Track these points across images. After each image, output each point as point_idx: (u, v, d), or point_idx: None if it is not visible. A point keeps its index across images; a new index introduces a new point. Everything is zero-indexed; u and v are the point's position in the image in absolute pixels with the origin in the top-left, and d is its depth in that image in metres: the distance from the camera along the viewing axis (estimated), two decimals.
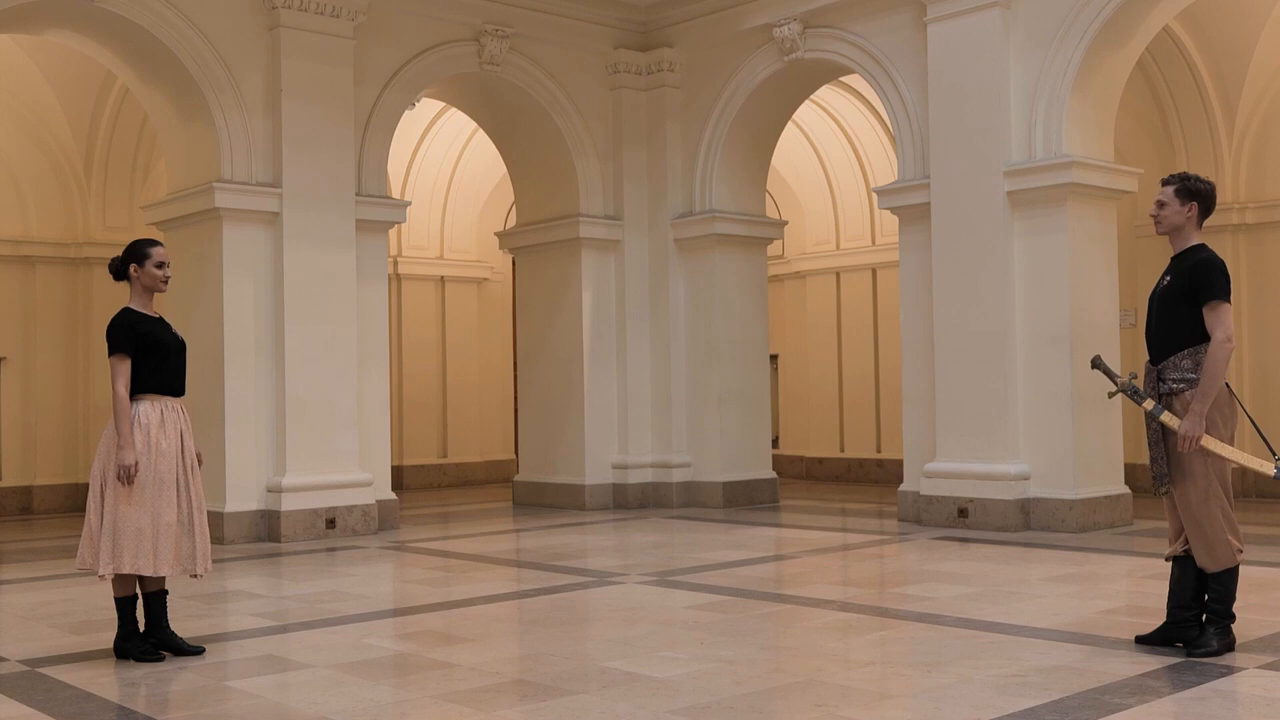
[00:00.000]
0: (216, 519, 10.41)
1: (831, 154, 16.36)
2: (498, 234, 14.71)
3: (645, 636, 6.09)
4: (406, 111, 12.43)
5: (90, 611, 7.10)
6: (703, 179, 13.03)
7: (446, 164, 16.83)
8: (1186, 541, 5.51)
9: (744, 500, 13.02)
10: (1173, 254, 5.62)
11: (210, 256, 10.69)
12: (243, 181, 10.68)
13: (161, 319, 6.01)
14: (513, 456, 17.02)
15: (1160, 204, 5.63)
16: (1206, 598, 5.48)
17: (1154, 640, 5.58)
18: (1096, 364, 5.72)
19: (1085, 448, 10.17)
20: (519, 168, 13.72)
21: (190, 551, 5.78)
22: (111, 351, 5.75)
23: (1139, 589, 7.43)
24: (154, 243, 6.02)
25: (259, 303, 10.71)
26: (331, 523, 10.78)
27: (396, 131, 12.13)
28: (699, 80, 13.12)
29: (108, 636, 6.15)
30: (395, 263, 16.23)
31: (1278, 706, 4.59)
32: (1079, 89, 10.23)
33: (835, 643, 5.96)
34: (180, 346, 6.00)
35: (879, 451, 16.04)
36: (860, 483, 15.89)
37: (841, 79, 13.74)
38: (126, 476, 5.59)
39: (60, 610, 7.22)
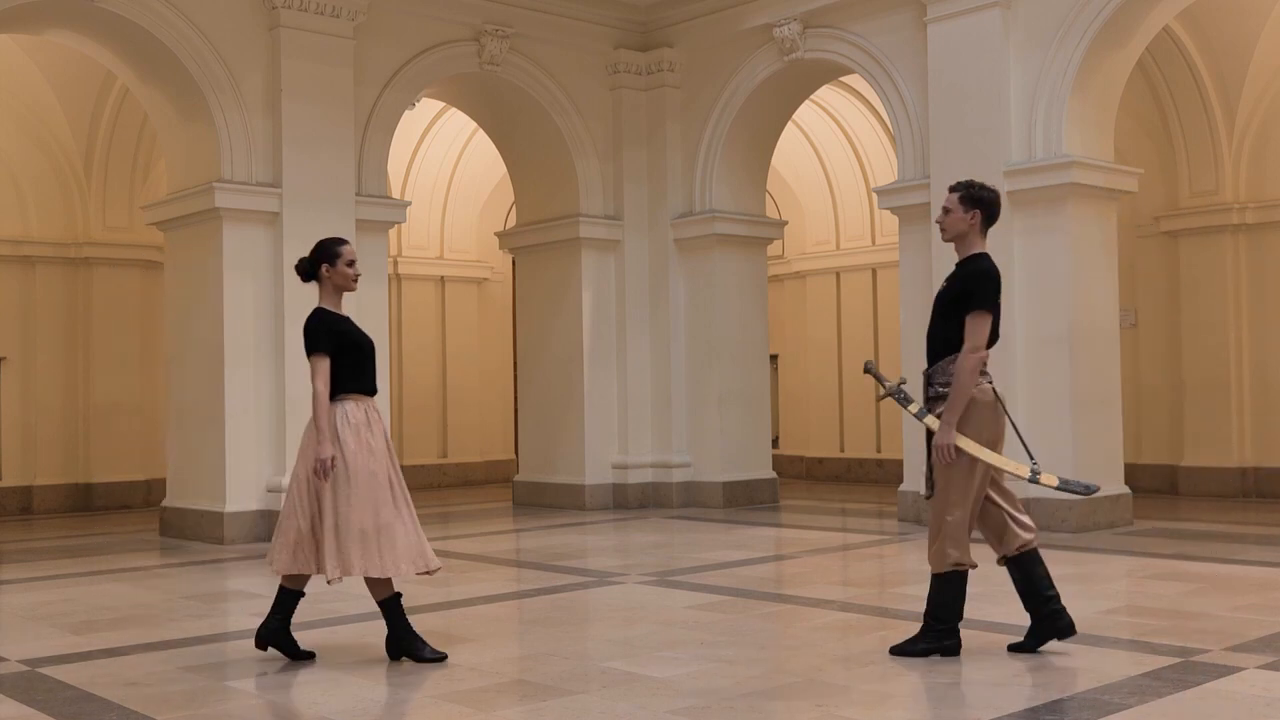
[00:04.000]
0: (216, 519, 10.42)
1: (831, 154, 16.35)
2: (498, 234, 14.71)
3: (645, 636, 6.09)
4: (406, 111, 12.42)
5: (90, 611, 7.10)
6: (703, 179, 13.03)
7: (446, 164, 16.83)
8: (1011, 541, 5.53)
9: (744, 500, 13.01)
10: (957, 260, 5.62)
11: (210, 256, 10.68)
12: (243, 181, 10.68)
13: (349, 318, 5.90)
14: (513, 456, 17.01)
15: (945, 210, 5.62)
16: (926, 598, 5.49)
17: (1029, 646, 5.48)
18: (868, 369, 5.77)
19: (1085, 448, 10.16)
20: (519, 168, 13.72)
21: (419, 548, 5.63)
22: (311, 351, 5.64)
23: (1139, 589, 7.44)
24: (343, 241, 5.90)
25: (259, 303, 10.70)
26: None
27: (396, 131, 12.12)
28: (699, 80, 13.11)
29: (108, 636, 6.16)
30: (395, 263, 16.22)
31: (1278, 706, 4.59)
32: (1079, 89, 10.22)
33: (835, 643, 5.97)
34: (372, 346, 5.89)
35: (879, 451, 16.03)
36: (860, 483, 15.88)
37: (841, 79, 13.73)
38: (323, 470, 5.46)
39: (60, 610, 7.22)
